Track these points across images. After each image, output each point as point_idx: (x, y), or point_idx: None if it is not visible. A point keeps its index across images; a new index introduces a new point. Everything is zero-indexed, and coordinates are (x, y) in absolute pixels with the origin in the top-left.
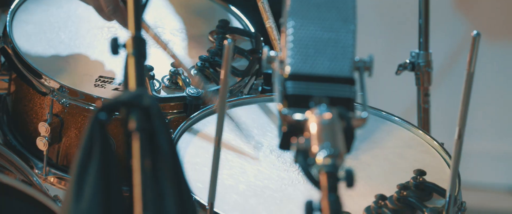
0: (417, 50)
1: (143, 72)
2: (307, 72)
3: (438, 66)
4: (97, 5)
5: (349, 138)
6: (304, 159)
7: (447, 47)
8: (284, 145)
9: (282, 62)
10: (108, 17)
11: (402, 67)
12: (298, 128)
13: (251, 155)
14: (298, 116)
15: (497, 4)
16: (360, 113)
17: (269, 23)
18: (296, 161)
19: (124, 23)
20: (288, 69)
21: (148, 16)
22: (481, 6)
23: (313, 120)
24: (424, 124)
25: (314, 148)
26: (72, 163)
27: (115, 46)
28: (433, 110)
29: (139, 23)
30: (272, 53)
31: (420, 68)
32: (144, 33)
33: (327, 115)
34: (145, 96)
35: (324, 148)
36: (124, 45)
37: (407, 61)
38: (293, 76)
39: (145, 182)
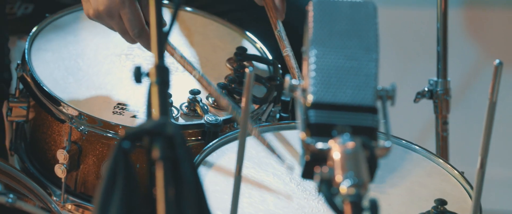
0: (435, 78)
1: (167, 100)
2: (329, 101)
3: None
4: (122, 28)
5: (372, 168)
6: (328, 189)
7: (459, 73)
8: (307, 174)
9: (304, 90)
10: (132, 40)
11: (420, 95)
12: (321, 157)
13: (273, 186)
14: (321, 145)
15: (509, 30)
16: (383, 142)
17: (286, 51)
18: (319, 191)
19: (149, 46)
20: (310, 98)
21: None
22: (493, 32)
23: (336, 149)
24: (442, 152)
25: (338, 177)
26: (95, 192)
27: (138, 75)
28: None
29: (162, 52)
30: (294, 81)
31: (438, 96)
32: (171, 57)
33: (351, 144)
34: (169, 124)
35: (348, 177)
36: (148, 74)
37: (426, 89)
38: (315, 105)
39: (169, 211)
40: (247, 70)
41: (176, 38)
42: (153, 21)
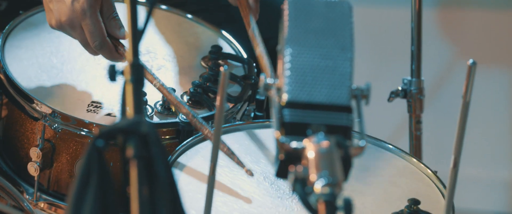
0: (409, 77)
1: (141, 99)
2: (304, 100)
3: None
4: (83, 40)
5: (346, 167)
6: (302, 188)
7: (432, 72)
8: (281, 173)
9: (279, 89)
10: (94, 52)
11: (394, 94)
12: (296, 156)
13: (246, 185)
14: (295, 144)
15: (483, 30)
16: (357, 141)
17: (259, 50)
18: (294, 190)
19: (111, 58)
20: (285, 96)
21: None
22: (466, 32)
23: (310, 148)
24: (416, 151)
25: (312, 176)
26: (69, 190)
27: (112, 73)
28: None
29: (137, 50)
30: (269, 80)
31: (412, 96)
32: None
33: (325, 143)
34: (143, 123)
35: (322, 176)
36: (122, 72)
37: (399, 88)
38: (290, 104)
39: (142, 210)
40: (222, 68)
41: (150, 36)
42: (128, 19)
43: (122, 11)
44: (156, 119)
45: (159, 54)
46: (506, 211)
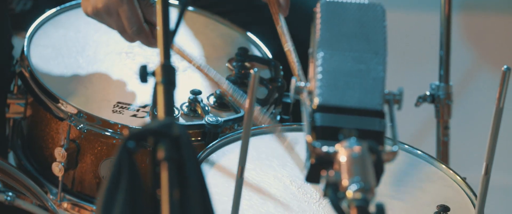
0: (437, 82)
1: (172, 101)
2: (336, 104)
3: None
4: (120, 26)
5: (378, 172)
6: (334, 193)
7: (456, 77)
8: (312, 177)
9: (310, 93)
10: (131, 39)
11: (421, 99)
12: (327, 161)
13: (273, 189)
14: (326, 148)
15: (506, 35)
16: (390, 147)
17: (288, 46)
18: (325, 195)
19: (148, 44)
20: (317, 100)
21: None
22: (490, 37)
23: (342, 153)
24: (443, 157)
25: (344, 181)
26: (99, 192)
27: (144, 74)
28: None
29: (168, 51)
30: (300, 83)
31: (440, 101)
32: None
33: (357, 148)
34: (175, 125)
35: (354, 181)
36: (153, 73)
37: (427, 93)
38: (322, 108)
39: (173, 212)
40: (251, 71)
41: (177, 38)
42: (160, 20)
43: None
44: (182, 121)
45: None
46: None
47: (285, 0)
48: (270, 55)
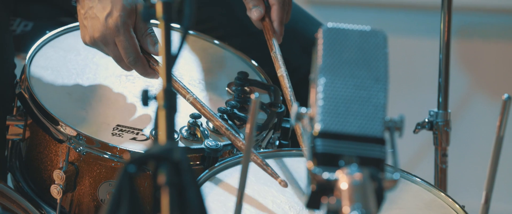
0: (435, 109)
1: (174, 125)
2: (337, 131)
3: None
4: (117, 56)
5: (379, 200)
6: None
7: (452, 104)
8: (312, 204)
9: (311, 119)
10: (128, 68)
11: (420, 126)
12: (328, 187)
13: (267, 212)
14: (327, 175)
15: (500, 61)
16: (391, 174)
17: (281, 72)
18: None
19: (144, 74)
20: (318, 126)
21: None
22: (482, 63)
23: (344, 180)
24: (441, 184)
25: (345, 208)
26: None
27: (145, 98)
28: None
29: (170, 76)
30: (302, 110)
31: (438, 128)
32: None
33: (358, 175)
34: (176, 150)
35: (355, 209)
36: (155, 98)
37: (426, 120)
38: (323, 134)
39: None
40: (252, 96)
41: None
42: (162, 45)
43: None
44: (181, 145)
45: (185, 79)
46: None
47: (279, 26)
48: (269, 81)
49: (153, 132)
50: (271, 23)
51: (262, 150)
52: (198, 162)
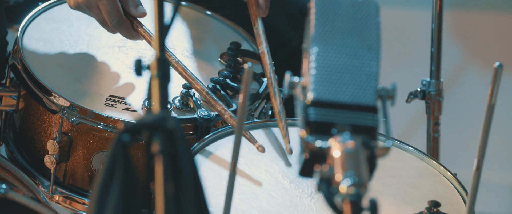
0: (428, 79)
1: (167, 94)
2: (330, 99)
3: None
4: (101, 19)
5: (371, 167)
6: (328, 187)
7: (444, 74)
8: (305, 172)
9: (304, 88)
10: (112, 31)
11: (412, 96)
12: (320, 156)
13: (266, 183)
14: (320, 143)
15: (494, 32)
16: (383, 142)
17: (262, 48)
18: (319, 189)
19: (128, 36)
20: (310, 95)
21: None
22: (477, 34)
23: (336, 148)
24: (433, 153)
25: (338, 176)
26: (93, 184)
27: (139, 68)
28: None
29: (163, 45)
30: (295, 78)
31: (431, 97)
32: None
33: (351, 143)
34: (169, 119)
35: (348, 176)
36: (148, 67)
37: (418, 89)
38: (315, 103)
39: (167, 206)
40: (245, 66)
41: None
42: (155, 15)
43: (149, 7)
44: (174, 115)
45: (177, 50)
46: None
47: (265, 1)
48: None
49: (146, 102)
50: None
51: (254, 119)
52: (191, 132)
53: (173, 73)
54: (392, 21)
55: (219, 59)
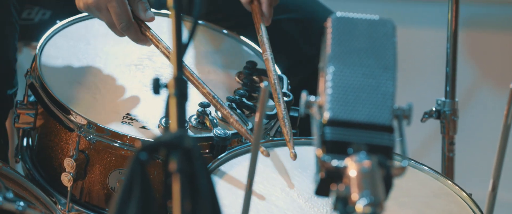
0: (443, 98)
1: (185, 113)
2: (346, 119)
3: None
4: (110, 22)
5: (387, 187)
6: (344, 207)
7: (459, 93)
8: (321, 191)
9: (320, 107)
10: (120, 33)
11: (427, 115)
12: (336, 175)
13: (280, 202)
14: (336, 162)
15: (507, 53)
16: (399, 162)
17: (266, 55)
18: (335, 208)
19: (136, 40)
20: (327, 115)
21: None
22: (489, 54)
23: (352, 167)
24: (448, 173)
25: (354, 195)
26: (111, 202)
27: (156, 86)
28: None
29: (181, 64)
30: (311, 98)
31: (446, 117)
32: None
33: (367, 163)
34: (187, 137)
35: (364, 196)
36: (166, 86)
37: (433, 109)
38: (332, 122)
39: None
40: (262, 84)
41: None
42: (173, 34)
43: (166, 25)
44: (190, 133)
45: (194, 69)
46: None
47: (267, 9)
48: (278, 70)
49: (163, 120)
50: (259, 6)
51: (270, 138)
52: (207, 150)
53: (191, 91)
54: (408, 41)
55: (235, 78)
